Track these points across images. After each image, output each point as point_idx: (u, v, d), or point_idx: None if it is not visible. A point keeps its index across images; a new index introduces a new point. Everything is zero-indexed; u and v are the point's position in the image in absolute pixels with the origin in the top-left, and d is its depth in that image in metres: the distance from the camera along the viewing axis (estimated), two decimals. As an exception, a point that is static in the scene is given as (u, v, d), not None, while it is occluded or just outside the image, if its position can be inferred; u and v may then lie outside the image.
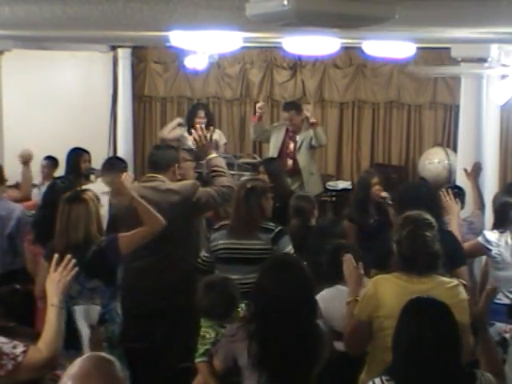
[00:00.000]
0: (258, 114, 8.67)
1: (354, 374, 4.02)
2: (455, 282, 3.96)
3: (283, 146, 8.59)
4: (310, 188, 8.13)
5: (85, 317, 4.38)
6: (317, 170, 8.99)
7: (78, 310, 4.34)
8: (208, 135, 5.43)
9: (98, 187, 6.31)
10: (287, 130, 8.63)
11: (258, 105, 8.87)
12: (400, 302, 3.71)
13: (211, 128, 5.90)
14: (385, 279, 3.93)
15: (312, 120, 8.35)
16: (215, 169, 5.35)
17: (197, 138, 5.40)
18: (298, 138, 8.52)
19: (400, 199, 5.11)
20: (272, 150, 8.65)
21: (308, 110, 8.42)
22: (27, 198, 7.02)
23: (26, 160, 7.27)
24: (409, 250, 3.88)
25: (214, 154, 5.44)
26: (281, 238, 4.88)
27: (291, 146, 8.56)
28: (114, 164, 6.71)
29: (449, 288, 3.86)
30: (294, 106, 8.76)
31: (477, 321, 3.43)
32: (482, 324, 3.40)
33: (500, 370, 3.31)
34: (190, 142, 9.03)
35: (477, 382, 3.01)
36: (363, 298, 3.90)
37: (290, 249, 4.85)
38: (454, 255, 4.87)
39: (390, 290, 3.82)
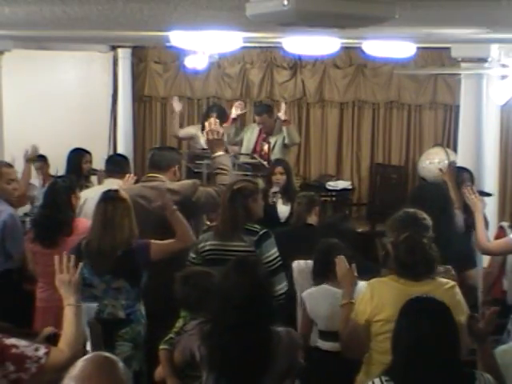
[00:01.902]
0: (233, 116, 8.43)
1: (344, 372, 4.02)
2: (452, 282, 3.95)
3: (256, 148, 8.53)
4: None
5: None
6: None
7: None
8: (221, 132, 5.44)
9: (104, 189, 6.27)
10: (260, 132, 8.53)
11: (236, 104, 8.62)
12: (400, 305, 3.73)
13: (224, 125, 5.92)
14: (382, 283, 3.90)
15: (284, 118, 8.28)
16: (219, 166, 5.36)
17: (209, 129, 5.42)
18: (271, 139, 8.44)
19: (413, 199, 5.03)
20: (244, 152, 8.50)
21: (282, 109, 8.30)
22: (23, 195, 6.87)
23: (30, 157, 7.13)
24: (406, 257, 3.86)
25: (220, 152, 5.44)
26: (264, 241, 4.79)
27: (265, 147, 8.46)
28: (119, 164, 6.69)
29: (447, 289, 3.86)
30: (265, 110, 8.63)
31: (478, 336, 3.41)
32: (483, 338, 3.40)
33: (500, 377, 3.29)
34: (202, 141, 9.02)
35: (476, 382, 3.01)
36: (360, 301, 3.88)
37: (273, 252, 4.75)
38: (465, 257, 4.85)
39: (389, 294, 3.79)
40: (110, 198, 4.63)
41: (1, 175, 5.94)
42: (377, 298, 3.81)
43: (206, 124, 5.54)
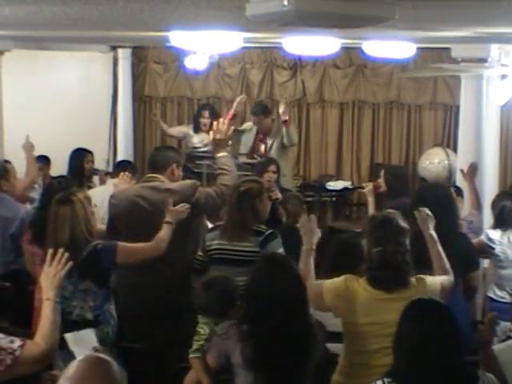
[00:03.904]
0: (233, 111, 8.42)
1: None
2: (420, 276, 3.92)
3: (254, 148, 8.51)
4: None
5: (77, 343, 4.29)
6: (290, 170, 8.84)
7: (70, 338, 4.27)
8: (229, 132, 5.39)
9: (108, 189, 6.25)
10: (258, 132, 8.52)
11: (238, 99, 8.63)
12: (373, 307, 3.78)
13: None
14: (356, 282, 3.86)
15: (285, 118, 8.23)
16: (222, 167, 5.35)
17: (216, 130, 5.34)
18: (268, 139, 8.40)
19: (416, 201, 5.01)
20: (242, 152, 8.50)
21: (281, 108, 8.24)
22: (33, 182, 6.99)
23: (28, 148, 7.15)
24: (379, 271, 3.83)
25: (223, 153, 5.43)
26: (270, 241, 4.81)
27: (262, 148, 8.45)
28: (126, 166, 6.73)
29: (418, 285, 3.85)
30: (261, 110, 8.61)
31: (482, 345, 3.42)
32: (487, 345, 3.41)
33: (501, 376, 3.29)
34: (195, 139, 9.01)
35: (479, 382, 3.01)
36: (332, 287, 3.86)
37: (280, 252, 4.75)
38: (469, 259, 4.85)
39: (361, 296, 3.80)
40: (58, 200, 4.59)
41: (8, 171, 6.04)
42: (350, 296, 3.81)
43: (214, 124, 5.48)
